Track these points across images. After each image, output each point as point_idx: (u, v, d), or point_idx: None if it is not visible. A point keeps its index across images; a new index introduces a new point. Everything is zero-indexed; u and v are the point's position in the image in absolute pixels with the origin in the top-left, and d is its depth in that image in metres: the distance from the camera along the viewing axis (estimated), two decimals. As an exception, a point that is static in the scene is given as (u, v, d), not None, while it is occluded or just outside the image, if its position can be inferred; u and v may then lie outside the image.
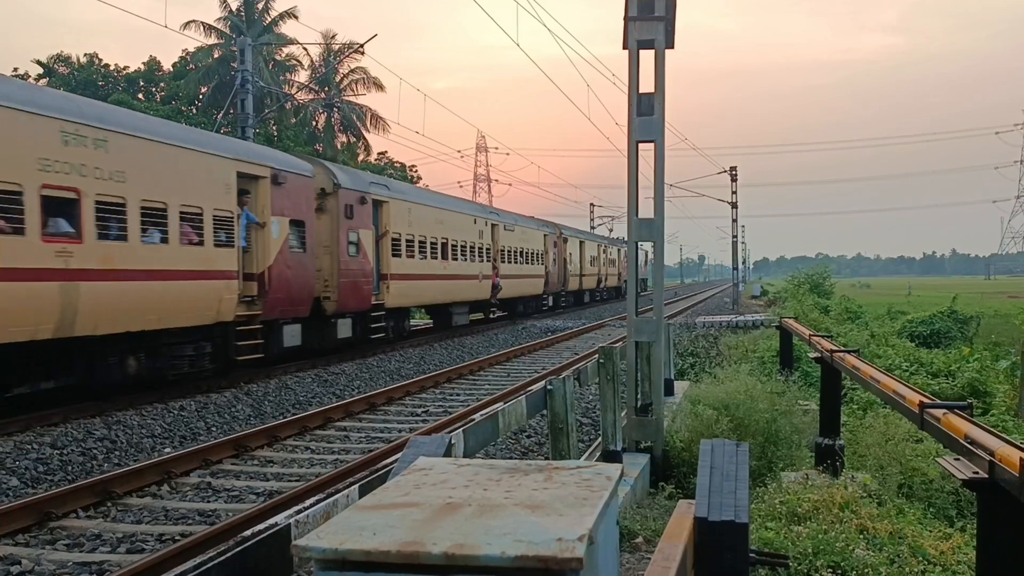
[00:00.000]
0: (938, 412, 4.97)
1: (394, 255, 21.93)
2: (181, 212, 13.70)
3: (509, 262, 32.45)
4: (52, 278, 11.20)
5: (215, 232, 14.54)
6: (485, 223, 30.00)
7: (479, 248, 28.77)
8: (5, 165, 10.57)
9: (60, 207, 11.47)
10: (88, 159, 11.80)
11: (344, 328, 19.46)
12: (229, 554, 2.77)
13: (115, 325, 12.37)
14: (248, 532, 2.98)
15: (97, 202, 11.95)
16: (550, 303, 40.06)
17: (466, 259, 27.55)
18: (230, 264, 14.98)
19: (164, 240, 13.41)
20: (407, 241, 22.92)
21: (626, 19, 8.87)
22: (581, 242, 46.57)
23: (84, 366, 12.46)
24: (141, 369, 13.36)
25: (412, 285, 23.15)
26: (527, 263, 35.07)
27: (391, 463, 4.08)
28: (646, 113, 8.92)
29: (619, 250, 56.01)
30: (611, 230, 67.84)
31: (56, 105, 11.71)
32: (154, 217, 13.16)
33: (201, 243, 14.23)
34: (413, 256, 23.20)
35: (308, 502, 3.50)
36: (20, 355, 11.15)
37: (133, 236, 12.67)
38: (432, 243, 24.61)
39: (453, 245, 26.33)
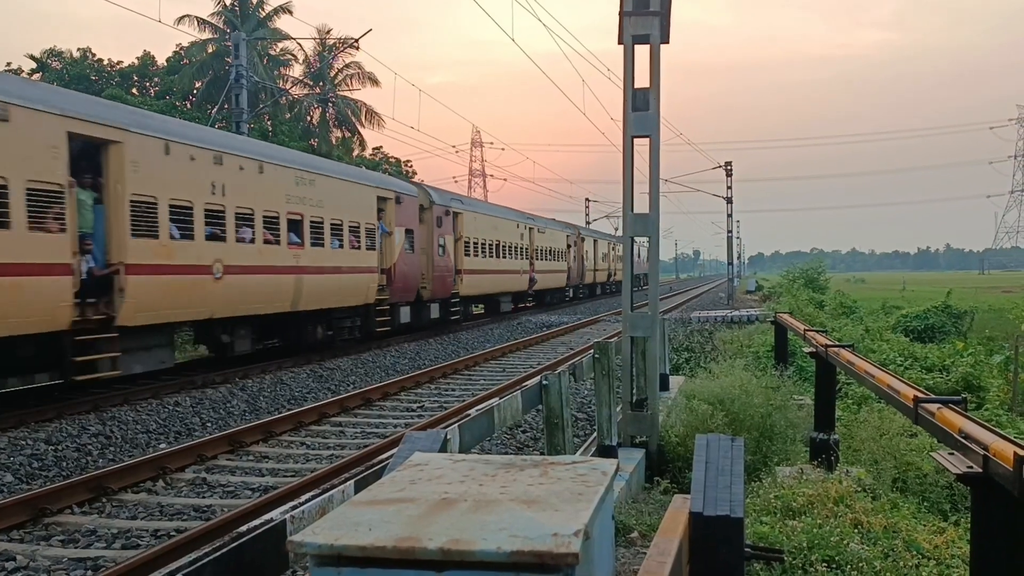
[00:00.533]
0: (932, 407, 4.98)
1: (466, 255, 28.59)
2: (349, 226, 19.99)
3: (541, 259, 39.32)
4: (291, 272, 17.56)
5: (366, 239, 20.85)
6: (525, 227, 36.84)
7: (520, 248, 35.68)
8: (272, 198, 17.02)
9: (293, 225, 17.85)
10: (306, 193, 18.23)
11: (434, 311, 26.05)
12: (224, 550, 2.76)
13: (316, 304, 18.66)
14: (243, 528, 2.98)
15: (311, 221, 18.31)
16: (571, 294, 47.67)
17: (512, 257, 34.41)
18: (374, 262, 21.28)
19: (340, 246, 19.61)
20: (474, 243, 29.54)
21: (621, 14, 8.86)
22: (595, 240, 53.20)
23: (296, 331, 18.71)
24: (323, 335, 19.65)
25: (477, 278, 29.78)
26: (554, 260, 42.01)
27: (386, 458, 4.08)
28: (641, 108, 8.91)
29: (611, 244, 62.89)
30: (616, 228, 68.42)
31: (292, 158, 18.73)
32: (336, 230, 19.46)
33: (359, 248, 20.53)
34: (478, 256, 29.85)
35: (303, 497, 3.50)
36: (274, 322, 17.77)
37: (327, 244, 18.98)
38: (489, 245, 31.30)
39: (503, 246, 33.04)
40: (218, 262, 15.18)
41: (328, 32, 46.73)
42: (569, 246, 45.23)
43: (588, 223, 66.01)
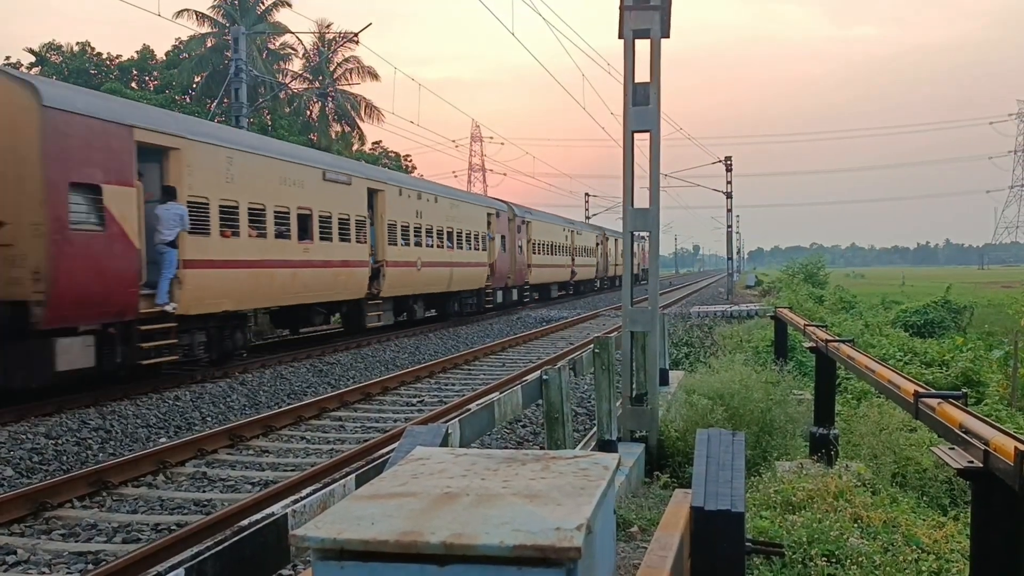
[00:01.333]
0: (933, 401, 4.98)
1: (533, 253, 38.44)
2: (470, 233, 29.64)
3: (579, 256, 49.27)
4: (448, 266, 27.08)
5: (481, 243, 30.85)
6: (568, 230, 46.79)
7: (565, 247, 45.47)
8: (442, 219, 26.95)
9: (449, 236, 27.73)
10: (456, 214, 28.39)
11: (515, 294, 35.78)
12: (226, 544, 2.77)
13: (459, 287, 28.54)
14: (245, 522, 2.98)
15: (448, 232, 27.43)
16: (597, 285, 56.80)
17: (560, 255, 44.40)
18: (485, 259, 31.27)
19: (470, 248, 29.68)
20: (538, 244, 39.63)
21: (622, 8, 8.84)
22: (616, 240, 59.85)
23: (441, 306, 28.04)
24: (459, 308, 29.25)
25: (540, 271, 39.78)
26: (588, 256, 51.91)
27: (387, 453, 4.08)
28: (641, 103, 8.89)
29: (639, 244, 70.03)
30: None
31: (416, 183, 27.45)
32: (467, 238, 29.34)
33: (479, 249, 30.56)
34: (540, 254, 39.50)
35: (304, 492, 3.50)
36: (436, 298, 27.39)
37: (463, 246, 28.85)
38: (547, 244, 40.98)
39: (555, 245, 43.05)
40: (420, 259, 24.60)
41: (328, 26, 46.63)
42: (597, 244, 55.20)
43: (587, 218, 66.05)
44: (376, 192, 22.14)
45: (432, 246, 25.67)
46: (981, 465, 3.94)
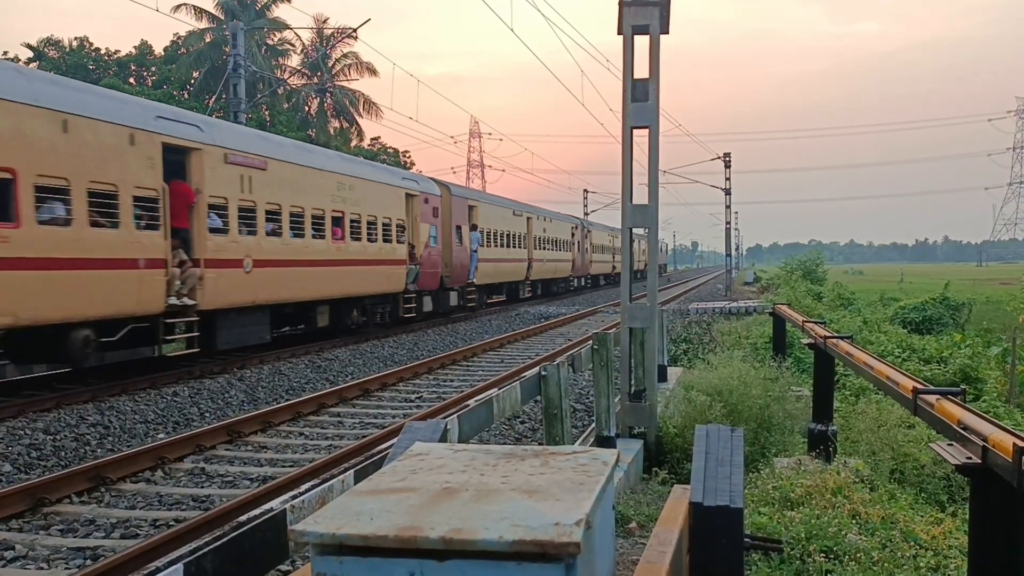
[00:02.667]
0: (931, 398, 4.99)
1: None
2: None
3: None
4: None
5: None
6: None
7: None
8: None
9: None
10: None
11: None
12: (225, 539, 2.77)
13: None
14: (244, 517, 2.98)
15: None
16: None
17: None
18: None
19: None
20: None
21: (621, 4, 8.83)
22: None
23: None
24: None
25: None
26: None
27: (385, 449, 4.08)
28: (640, 99, 8.89)
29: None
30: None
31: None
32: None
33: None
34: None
35: (303, 487, 3.50)
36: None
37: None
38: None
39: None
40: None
41: (325, 21, 46.56)
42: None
43: (586, 214, 66.07)
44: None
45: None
46: (980, 461, 3.94)
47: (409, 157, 58.17)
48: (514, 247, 35.81)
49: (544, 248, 41.34)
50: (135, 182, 13.02)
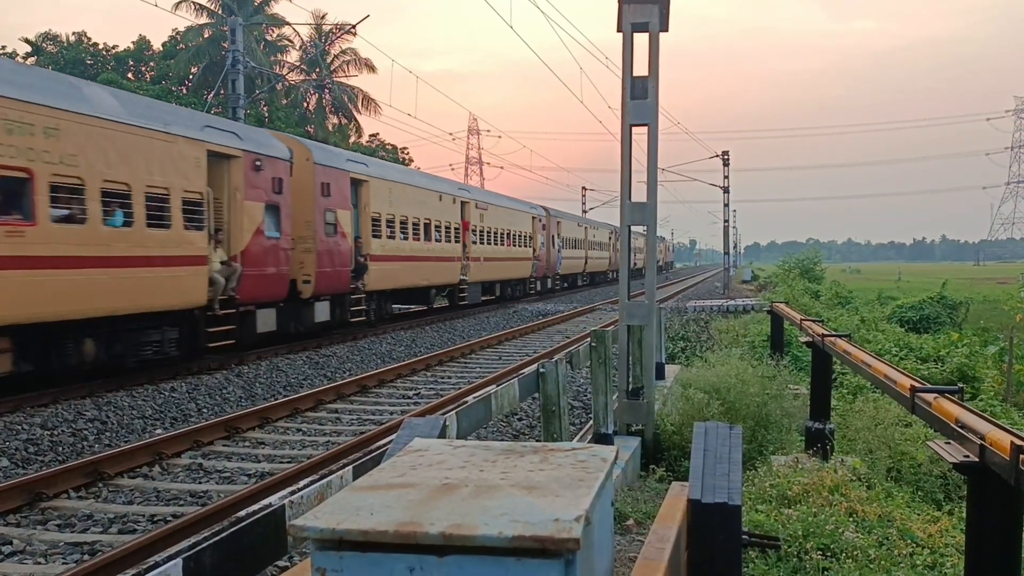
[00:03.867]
0: (929, 396, 5.00)
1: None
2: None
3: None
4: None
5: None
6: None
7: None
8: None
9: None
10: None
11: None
12: (224, 534, 2.77)
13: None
14: (243, 512, 2.98)
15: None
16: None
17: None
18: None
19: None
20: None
21: (620, 1, 8.82)
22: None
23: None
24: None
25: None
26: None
27: (384, 445, 4.08)
28: (640, 96, 8.88)
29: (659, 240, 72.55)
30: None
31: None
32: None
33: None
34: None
35: (302, 483, 3.50)
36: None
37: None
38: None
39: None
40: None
41: (323, 17, 46.50)
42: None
43: (584, 212, 66.05)
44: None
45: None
46: (977, 459, 3.95)
47: (407, 153, 58.14)
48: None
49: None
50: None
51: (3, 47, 42.91)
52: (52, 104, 11.90)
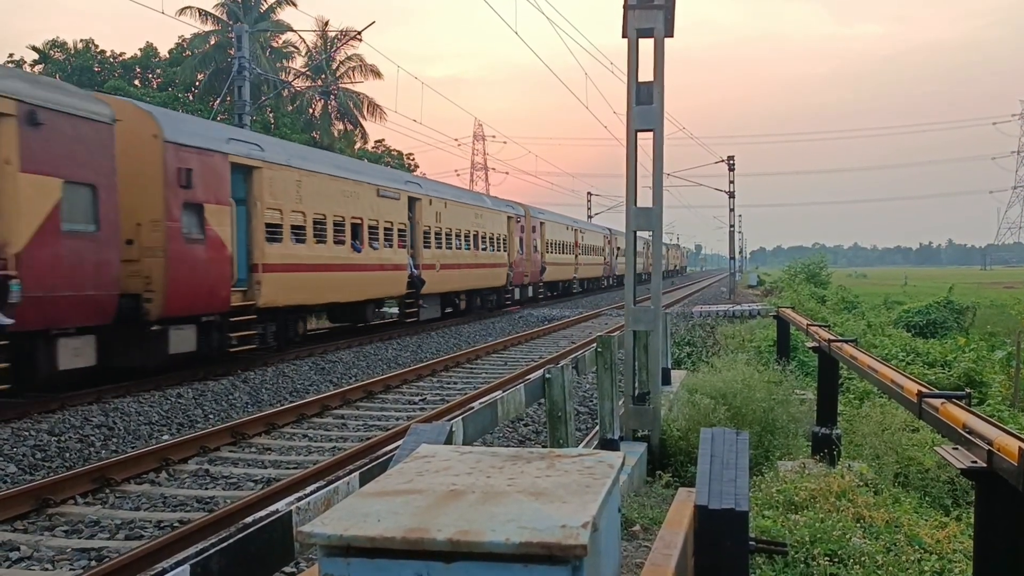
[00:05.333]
0: (936, 402, 4.98)
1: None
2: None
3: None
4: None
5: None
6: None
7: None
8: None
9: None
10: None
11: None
12: (231, 540, 2.77)
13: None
14: (250, 519, 2.98)
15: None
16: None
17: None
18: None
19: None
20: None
21: (625, 7, 8.84)
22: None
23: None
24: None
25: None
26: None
27: (390, 451, 4.08)
28: (645, 102, 8.90)
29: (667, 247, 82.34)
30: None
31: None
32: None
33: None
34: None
35: (308, 489, 3.50)
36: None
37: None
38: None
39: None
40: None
41: (326, 24, 46.63)
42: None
43: (590, 217, 66.07)
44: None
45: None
46: (985, 465, 3.94)
47: (413, 159, 58.22)
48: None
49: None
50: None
51: (11, 55, 43.15)
52: None
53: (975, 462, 4.04)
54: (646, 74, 8.89)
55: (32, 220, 11.15)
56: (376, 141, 56.40)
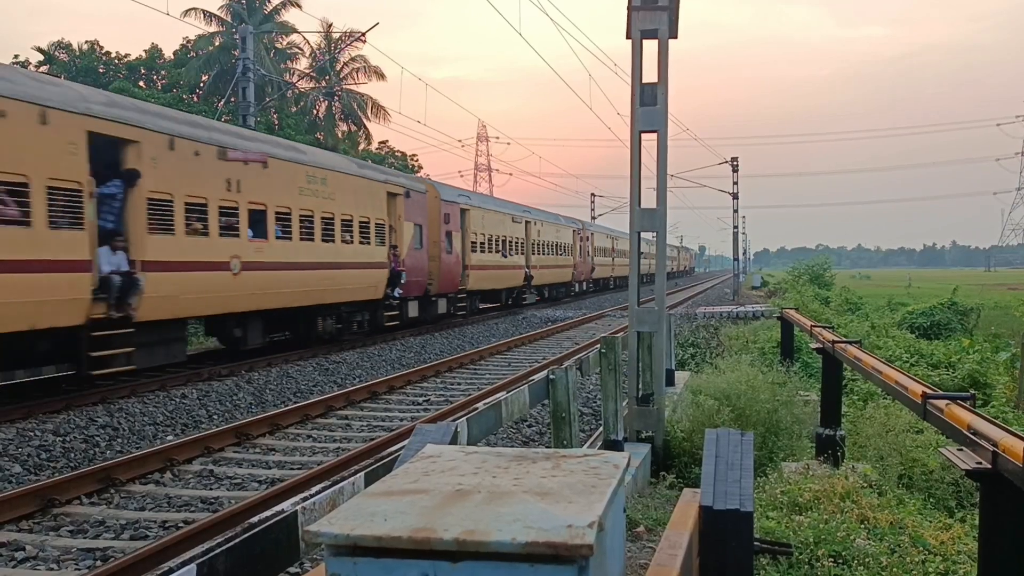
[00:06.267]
0: (941, 403, 4.99)
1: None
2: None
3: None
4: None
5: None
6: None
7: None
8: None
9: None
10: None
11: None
12: (237, 540, 2.78)
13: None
14: (256, 518, 2.99)
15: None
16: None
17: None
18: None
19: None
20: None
21: (629, 8, 8.84)
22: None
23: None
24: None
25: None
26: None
27: (395, 451, 4.09)
28: (649, 103, 8.89)
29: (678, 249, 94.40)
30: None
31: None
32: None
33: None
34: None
35: (314, 489, 3.51)
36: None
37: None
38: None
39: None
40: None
41: (330, 26, 46.66)
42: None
43: (594, 218, 66.05)
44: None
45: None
46: (990, 466, 3.94)
47: (417, 160, 58.23)
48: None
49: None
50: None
51: (16, 56, 43.25)
52: None
53: (980, 463, 4.04)
54: (650, 75, 8.90)
55: (407, 243, 23.24)
56: (380, 142, 56.46)
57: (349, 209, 20.32)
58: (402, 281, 22.76)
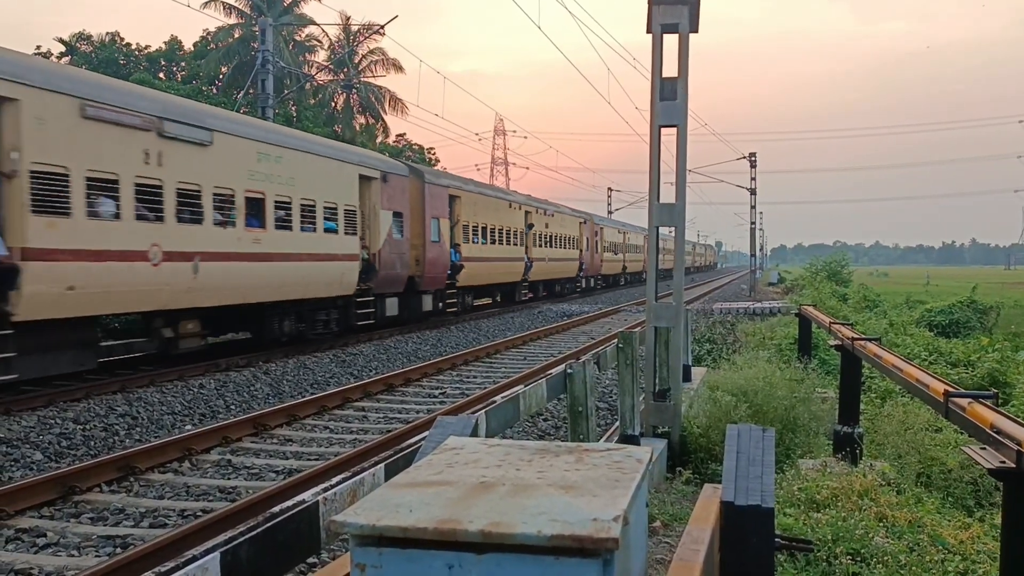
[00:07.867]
0: (963, 401, 4.95)
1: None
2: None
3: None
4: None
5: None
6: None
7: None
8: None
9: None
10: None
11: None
12: (259, 529, 2.80)
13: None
14: (277, 508, 3.01)
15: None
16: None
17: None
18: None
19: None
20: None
21: (650, 2, 8.80)
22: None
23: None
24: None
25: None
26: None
27: (414, 443, 4.10)
28: (669, 98, 8.86)
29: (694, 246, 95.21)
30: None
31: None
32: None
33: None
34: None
35: (335, 480, 3.52)
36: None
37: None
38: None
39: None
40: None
41: (348, 19, 46.72)
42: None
43: (610, 212, 65.93)
44: None
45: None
46: (1014, 465, 3.91)
47: (434, 154, 58.28)
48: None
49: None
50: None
51: (38, 47, 43.57)
52: None
53: (1004, 462, 4.01)
54: (670, 70, 8.85)
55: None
56: (397, 135, 56.53)
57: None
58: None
